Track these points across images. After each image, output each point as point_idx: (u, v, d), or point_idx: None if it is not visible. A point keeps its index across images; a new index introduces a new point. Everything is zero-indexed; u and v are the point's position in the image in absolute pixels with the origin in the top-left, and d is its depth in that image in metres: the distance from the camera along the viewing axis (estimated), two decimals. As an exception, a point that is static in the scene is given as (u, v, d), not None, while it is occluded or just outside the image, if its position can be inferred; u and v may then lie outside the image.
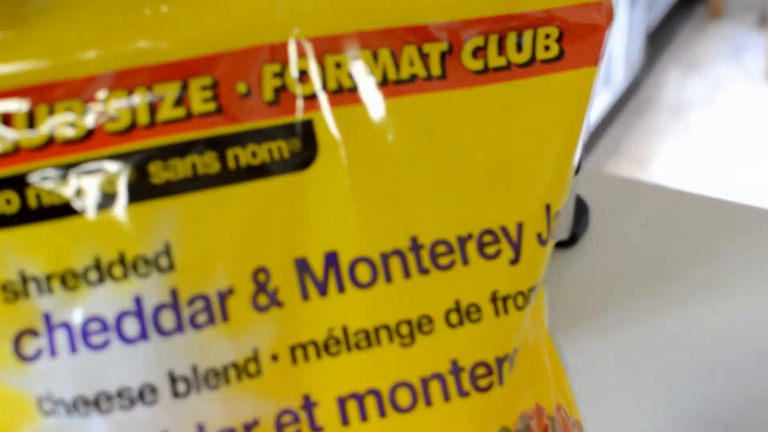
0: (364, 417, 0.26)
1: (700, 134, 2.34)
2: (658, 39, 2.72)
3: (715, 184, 2.11)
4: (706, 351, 0.54)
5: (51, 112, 0.24)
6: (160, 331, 0.24)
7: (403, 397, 0.26)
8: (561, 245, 0.63)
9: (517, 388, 0.28)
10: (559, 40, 0.28)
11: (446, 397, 0.27)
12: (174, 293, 0.25)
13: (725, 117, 2.41)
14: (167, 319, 0.25)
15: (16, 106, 0.24)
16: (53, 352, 0.25)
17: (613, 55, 2.42)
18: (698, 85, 2.56)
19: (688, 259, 0.62)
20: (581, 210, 0.64)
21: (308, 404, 0.26)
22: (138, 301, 0.24)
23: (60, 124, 0.24)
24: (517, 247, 0.27)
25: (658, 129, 2.37)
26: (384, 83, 0.26)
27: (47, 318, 0.24)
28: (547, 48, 0.28)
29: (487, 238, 0.27)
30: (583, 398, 0.51)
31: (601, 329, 0.56)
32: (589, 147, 2.27)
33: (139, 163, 0.25)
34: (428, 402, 0.26)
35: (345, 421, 0.26)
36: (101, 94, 0.25)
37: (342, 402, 0.26)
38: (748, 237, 0.63)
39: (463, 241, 0.27)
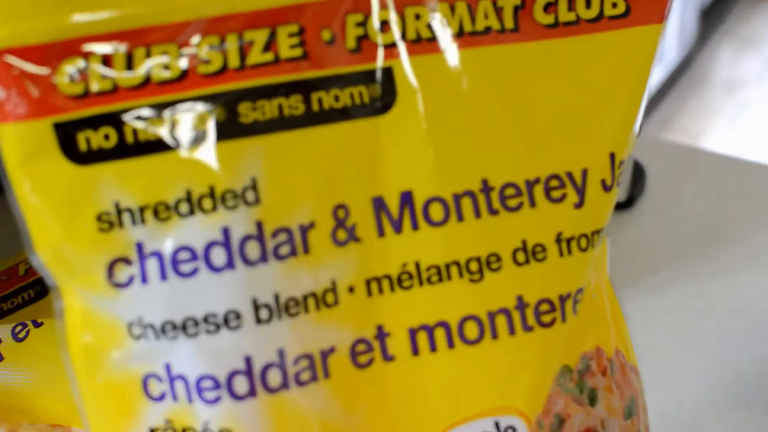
0: (433, 348, 0.27)
1: (753, 111, 2.32)
2: (712, 15, 2.70)
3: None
4: (757, 313, 0.55)
5: (148, 54, 0.26)
6: (246, 261, 0.26)
7: (471, 330, 0.28)
8: (618, 207, 0.64)
9: (579, 329, 0.30)
10: None
11: (511, 331, 0.28)
12: (259, 225, 0.26)
13: (779, 95, 2.39)
14: (252, 250, 0.26)
15: (116, 48, 0.26)
16: (144, 279, 0.26)
17: (666, 30, 2.41)
18: (752, 62, 2.54)
19: (742, 224, 0.62)
20: (638, 174, 0.65)
21: (381, 334, 0.27)
22: (226, 232, 0.26)
23: (156, 65, 0.26)
24: (581, 192, 0.29)
25: (711, 105, 2.36)
26: (460, 34, 0.28)
27: (140, 247, 0.26)
28: (614, 5, 0.29)
29: (554, 183, 0.28)
30: (639, 354, 0.53)
31: (655, 289, 0.57)
32: (641, 121, 2.26)
33: (229, 104, 0.26)
34: (494, 335, 0.28)
35: (415, 351, 0.27)
36: (195, 38, 0.26)
37: (413, 333, 0.27)
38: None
39: (530, 184, 0.28)
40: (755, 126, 2.26)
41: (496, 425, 0.28)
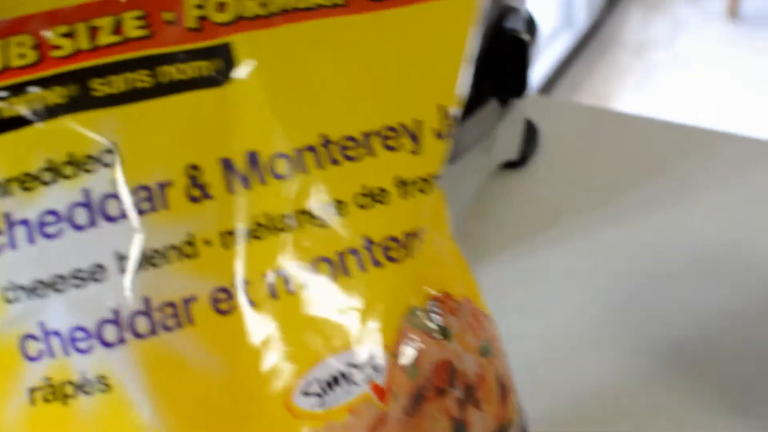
0: (291, 290, 0.30)
1: (661, 73, 2.37)
2: (620, -19, 2.74)
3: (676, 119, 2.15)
4: (649, 260, 0.57)
5: (5, 45, 0.28)
6: (107, 218, 0.28)
7: (324, 270, 0.30)
8: (511, 165, 0.66)
9: (423, 276, 0.32)
10: None
11: (362, 267, 0.30)
12: (118, 185, 0.29)
13: (686, 56, 2.44)
14: (113, 207, 0.28)
15: None
16: (13, 245, 0.28)
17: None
18: (660, 24, 2.59)
19: (633, 178, 0.64)
20: (531, 133, 0.67)
21: (240, 282, 0.30)
22: (87, 193, 0.28)
23: (13, 54, 0.28)
24: (416, 139, 0.31)
25: (620, 69, 2.40)
26: (294, 10, 0.31)
27: (7, 217, 0.28)
28: None
29: (390, 134, 0.31)
30: (531, 307, 0.55)
31: (547, 244, 0.59)
32: (550, 87, 2.30)
33: (82, 80, 0.29)
34: (346, 272, 0.30)
35: (274, 294, 0.30)
36: (47, 29, 0.29)
37: (269, 278, 0.30)
38: (690, 156, 0.66)
39: (368, 135, 0.31)
40: (664, 87, 2.31)
41: (357, 355, 0.31)
